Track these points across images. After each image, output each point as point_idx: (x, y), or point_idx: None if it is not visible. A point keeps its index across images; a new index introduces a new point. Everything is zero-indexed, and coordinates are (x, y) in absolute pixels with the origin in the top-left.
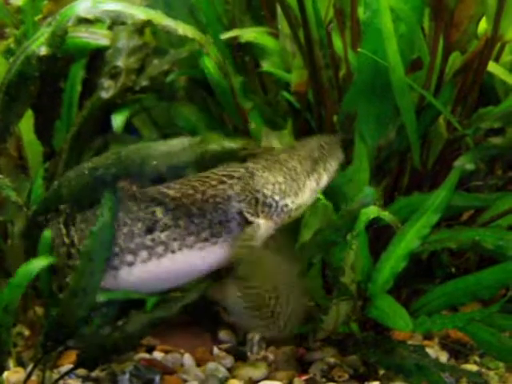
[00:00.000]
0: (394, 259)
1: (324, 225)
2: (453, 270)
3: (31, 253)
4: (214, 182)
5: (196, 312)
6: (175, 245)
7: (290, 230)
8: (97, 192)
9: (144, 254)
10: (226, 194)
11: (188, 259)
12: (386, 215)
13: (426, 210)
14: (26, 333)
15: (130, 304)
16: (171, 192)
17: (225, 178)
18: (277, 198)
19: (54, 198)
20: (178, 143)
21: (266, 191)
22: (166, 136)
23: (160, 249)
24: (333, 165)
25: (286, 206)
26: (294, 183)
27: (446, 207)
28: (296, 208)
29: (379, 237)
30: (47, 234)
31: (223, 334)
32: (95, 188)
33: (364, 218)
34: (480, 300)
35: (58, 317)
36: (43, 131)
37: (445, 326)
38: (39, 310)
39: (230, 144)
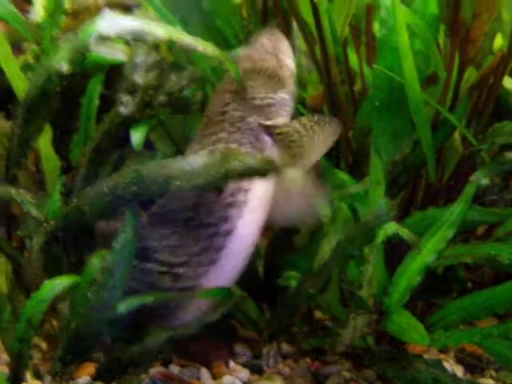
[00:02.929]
0: (410, 273)
1: (343, 238)
2: (469, 284)
3: (50, 268)
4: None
5: (212, 325)
6: (246, 184)
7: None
8: (118, 210)
9: (234, 212)
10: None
11: (260, 189)
12: (404, 232)
13: (442, 225)
14: (43, 345)
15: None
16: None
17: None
18: (272, 95)
19: (75, 216)
20: (199, 161)
21: (259, 95)
22: (178, 151)
23: (242, 196)
24: (287, 47)
25: (284, 98)
26: (274, 78)
27: (462, 222)
28: (292, 93)
29: (395, 251)
30: (95, 262)
31: (239, 348)
32: (116, 206)
33: (382, 234)
34: (494, 314)
35: (77, 330)
36: (60, 145)
37: (461, 340)
38: (56, 323)
39: (252, 161)
